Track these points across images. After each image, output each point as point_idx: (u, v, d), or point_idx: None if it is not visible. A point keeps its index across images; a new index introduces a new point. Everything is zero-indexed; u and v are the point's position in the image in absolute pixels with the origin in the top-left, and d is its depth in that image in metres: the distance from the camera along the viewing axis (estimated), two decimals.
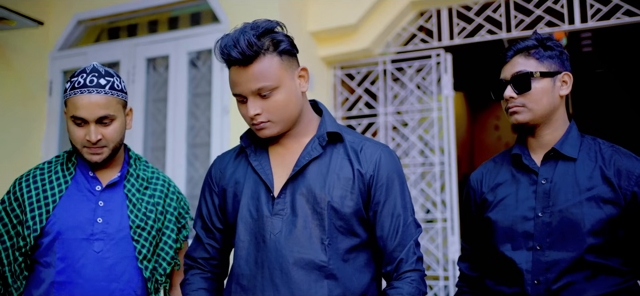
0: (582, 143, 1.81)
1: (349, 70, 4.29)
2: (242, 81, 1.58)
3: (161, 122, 4.01)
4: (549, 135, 1.81)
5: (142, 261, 1.88)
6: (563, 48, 1.85)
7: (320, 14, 4.02)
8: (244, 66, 1.57)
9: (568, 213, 1.70)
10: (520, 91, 1.77)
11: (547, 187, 1.76)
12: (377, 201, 1.65)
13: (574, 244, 1.68)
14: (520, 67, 1.79)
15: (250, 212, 1.64)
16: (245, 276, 1.61)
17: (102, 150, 1.88)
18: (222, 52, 1.58)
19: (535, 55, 1.79)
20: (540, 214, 1.73)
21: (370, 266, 1.66)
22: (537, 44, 1.81)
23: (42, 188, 1.91)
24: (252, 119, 1.61)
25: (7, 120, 3.94)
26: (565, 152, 1.77)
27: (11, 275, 1.86)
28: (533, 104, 1.77)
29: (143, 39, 4.10)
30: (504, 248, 1.78)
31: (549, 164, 1.79)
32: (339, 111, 4.27)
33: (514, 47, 1.83)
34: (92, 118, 1.85)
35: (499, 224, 1.80)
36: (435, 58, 4.07)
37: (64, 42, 4.30)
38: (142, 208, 1.92)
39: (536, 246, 1.72)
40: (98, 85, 1.86)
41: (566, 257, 1.68)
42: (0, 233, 1.89)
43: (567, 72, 1.82)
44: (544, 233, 1.72)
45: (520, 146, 1.87)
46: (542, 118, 1.79)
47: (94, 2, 4.24)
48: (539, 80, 1.77)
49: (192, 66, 3.96)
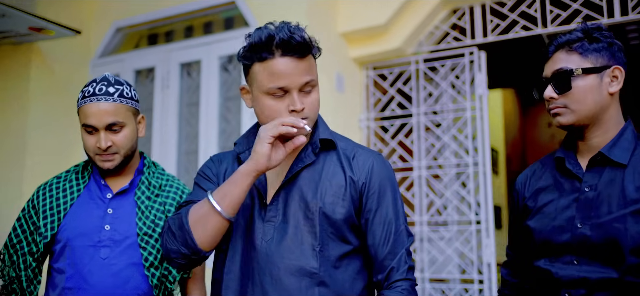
0: (637, 147, 1.59)
1: (381, 70, 4.25)
2: (294, 73, 1.56)
3: (194, 126, 4.08)
4: (599, 137, 1.62)
5: (149, 269, 1.90)
6: (613, 38, 1.65)
7: (350, 14, 4.00)
8: (299, 58, 1.56)
9: (610, 227, 1.51)
10: (560, 90, 1.61)
11: (590, 196, 1.58)
12: (369, 208, 1.63)
13: (613, 262, 1.50)
14: (561, 64, 1.61)
15: (244, 216, 1.64)
16: (234, 282, 1.61)
17: (113, 157, 1.93)
18: (281, 38, 1.53)
19: (578, 49, 1.61)
20: (579, 226, 1.56)
21: (362, 274, 1.64)
22: (583, 36, 1.62)
23: (56, 196, 1.97)
24: (298, 112, 1.56)
25: (53, 127, 4.10)
26: (613, 157, 1.57)
27: (26, 279, 1.93)
28: (576, 105, 1.60)
29: (176, 44, 4.19)
30: (539, 262, 1.65)
31: (595, 171, 1.60)
32: (372, 112, 4.23)
33: (556, 41, 1.66)
34: (101, 125, 1.89)
35: (536, 233, 1.66)
36: (468, 56, 3.97)
37: (104, 50, 4.44)
38: (151, 215, 1.95)
39: (573, 261, 1.57)
40: (106, 93, 1.91)
41: (603, 275, 1.51)
42: (20, 239, 1.97)
43: (618, 66, 1.61)
44: (583, 247, 1.55)
45: (565, 148, 1.71)
46: (588, 119, 1.61)
47: (131, 10, 4.37)
48: (581, 77, 1.59)
49: (223, 70, 4.02)
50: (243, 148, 1.73)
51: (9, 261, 1.97)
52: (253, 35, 1.58)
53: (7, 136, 4.03)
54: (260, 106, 1.60)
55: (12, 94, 4.06)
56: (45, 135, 4.06)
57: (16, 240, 1.97)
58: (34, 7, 3.85)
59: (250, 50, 1.58)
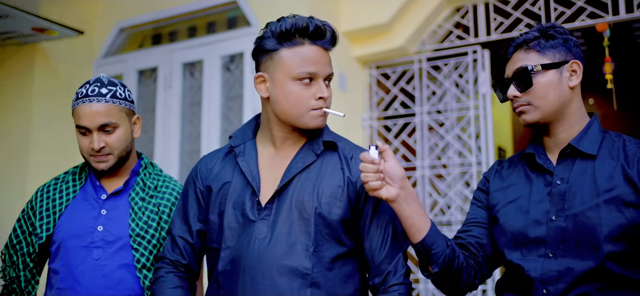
0: (604, 140, 1.64)
1: (384, 69, 4.22)
2: (323, 61, 1.63)
3: (197, 125, 4.08)
4: (565, 132, 1.66)
5: (142, 270, 1.88)
6: (568, 34, 1.69)
7: (352, 13, 3.98)
8: (326, 49, 1.64)
9: (584, 217, 1.53)
10: (522, 88, 1.65)
11: (562, 188, 1.60)
12: (366, 211, 1.62)
13: (589, 251, 1.52)
14: (520, 63, 1.66)
15: (235, 215, 1.62)
16: (227, 281, 1.60)
17: (107, 158, 1.93)
18: (316, 25, 1.62)
19: (535, 47, 1.66)
20: (554, 218, 1.58)
21: (355, 276, 1.62)
22: (539, 34, 1.68)
23: (53, 197, 1.98)
24: (324, 99, 1.63)
25: (56, 127, 4.11)
26: (583, 148, 1.61)
27: (25, 280, 1.94)
28: (539, 101, 1.63)
29: (179, 44, 4.19)
30: (511, 255, 1.65)
31: (566, 163, 1.63)
32: (375, 111, 4.21)
33: (514, 42, 1.71)
34: (93, 126, 1.89)
35: (508, 227, 1.67)
36: (471, 55, 3.94)
37: (108, 50, 4.45)
38: (144, 216, 1.93)
39: (548, 253, 1.57)
40: (99, 94, 1.90)
41: (580, 266, 1.52)
42: (19, 240, 1.98)
43: (576, 60, 1.66)
44: (558, 238, 1.56)
45: (534, 145, 1.73)
46: (552, 115, 1.64)
47: (134, 10, 4.37)
48: (541, 74, 1.63)
49: (225, 69, 4.01)
50: (238, 141, 1.71)
51: (9, 262, 1.98)
52: (284, 22, 1.61)
53: (11, 135, 4.05)
54: (285, 92, 1.60)
55: (15, 93, 4.08)
56: (49, 135, 4.08)
57: (16, 241, 1.98)
58: (38, 8, 3.86)
59: (280, 36, 1.60)
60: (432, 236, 1.56)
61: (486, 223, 1.77)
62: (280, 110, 1.62)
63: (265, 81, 1.65)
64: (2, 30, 3.74)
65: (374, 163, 1.49)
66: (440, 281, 1.65)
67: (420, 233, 1.55)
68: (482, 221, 1.78)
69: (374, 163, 1.49)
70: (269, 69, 1.63)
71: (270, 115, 1.67)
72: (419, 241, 1.56)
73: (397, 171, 1.50)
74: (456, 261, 1.61)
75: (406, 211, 1.53)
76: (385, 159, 1.51)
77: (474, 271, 1.70)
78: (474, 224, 1.78)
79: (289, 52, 1.60)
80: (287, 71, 1.59)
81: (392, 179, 1.50)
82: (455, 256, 1.61)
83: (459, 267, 1.63)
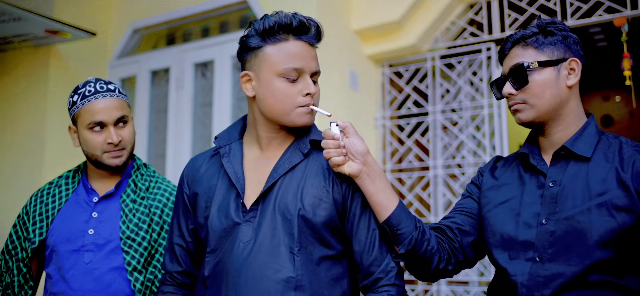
0: (600, 141, 1.59)
1: (397, 68, 4.16)
2: (309, 57, 1.60)
3: (208, 126, 4.08)
4: (561, 132, 1.61)
5: (132, 273, 1.87)
6: (569, 31, 1.63)
7: (363, 11, 3.93)
8: (311, 44, 1.62)
9: (574, 221, 1.48)
10: (518, 85, 1.59)
11: (554, 191, 1.55)
12: (353, 213, 1.58)
13: (578, 257, 1.46)
14: (517, 59, 1.61)
15: (219, 218, 1.60)
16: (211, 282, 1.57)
17: (122, 153, 1.94)
18: (300, 21, 1.58)
19: (533, 44, 1.61)
20: (544, 222, 1.53)
21: (342, 279, 1.58)
22: (537, 30, 1.62)
23: (46, 202, 1.98)
24: (311, 96, 1.59)
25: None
26: (577, 150, 1.56)
27: (18, 285, 1.95)
28: (534, 99, 1.59)
29: (190, 45, 4.19)
30: (499, 256, 1.60)
31: (559, 165, 1.58)
32: (388, 110, 4.15)
33: (512, 37, 1.66)
34: (110, 120, 1.90)
35: (497, 228, 1.62)
36: (485, 52, 3.85)
37: (122, 51, 4.49)
38: (135, 218, 1.92)
39: (536, 257, 1.52)
40: (108, 89, 1.93)
41: (567, 271, 1.47)
42: (15, 245, 1.99)
43: (574, 58, 1.60)
44: (546, 242, 1.51)
45: (529, 145, 1.68)
46: (548, 114, 1.60)
47: (148, 12, 4.39)
48: (538, 71, 1.58)
49: (236, 70, 4.00)
50: (224, 142, 1.69)
51: (5, 267, 1.99)
52: (267, 19, 1.59)
53: (26, 136, 4.11)
54: (271, 89, 1.58)
55: (31, 95, 4.14)
56: (64, 135, 4.12)
57: (11, 246, 1.99)
58: (51, 10, 3.91)
59: (263, 33, 1.58)
60: (399, 216, 1.54)
61: (472, 213, 1.73)
62: (266, 108, 1.60)
63: (251, 79, 1.62)
64: (17, 32, 3.80)
65: (335, 139, 1.52)
66: (409, 263, 1.61)
67: (386, 210, 1.54)
68: (468, 210, 1.74)
69: (334, 139, 1.52)
70: (254, 67, 1.61)
71: (257, 115, 1.64)
72: (384, 220, 1.55)
73: (359, 147, 1.52)
74: (425, 244, 1.57)
75: (370, 188, 1.54)
76: (347, 135, 1.53)
77: (446, 255, 1.64)
78: (459, 211, 1.75)
79: (273, 48, 1.57)
80: (272, 67, 1.57)
81: (354, 155, 1.52)
82: (424, 239, 1.57)
83: (428, 250, 1.58)
